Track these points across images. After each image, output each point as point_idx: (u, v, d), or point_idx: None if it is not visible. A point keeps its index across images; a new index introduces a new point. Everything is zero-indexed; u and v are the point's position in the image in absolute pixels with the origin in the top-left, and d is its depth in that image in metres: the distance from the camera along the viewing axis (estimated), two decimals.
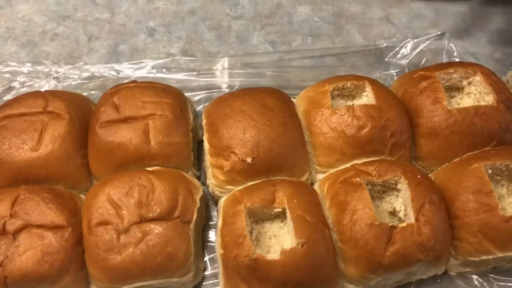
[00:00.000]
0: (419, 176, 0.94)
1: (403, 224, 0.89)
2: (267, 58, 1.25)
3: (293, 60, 1.27)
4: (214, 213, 1.07)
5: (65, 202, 0.93)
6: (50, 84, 1.21)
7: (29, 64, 1.23)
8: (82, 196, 0.99)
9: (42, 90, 1.17)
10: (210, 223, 1.06)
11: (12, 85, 1.21)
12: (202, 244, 1.02)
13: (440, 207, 0.92)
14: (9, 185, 0.96)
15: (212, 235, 1.04)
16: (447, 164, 1.02)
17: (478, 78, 1.05)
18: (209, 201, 1.08)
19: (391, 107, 1.02)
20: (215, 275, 0.99)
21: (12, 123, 0.99)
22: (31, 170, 0.96)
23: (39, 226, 0.88)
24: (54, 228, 0.89)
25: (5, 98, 1.18)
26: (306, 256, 0.85)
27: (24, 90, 1.20)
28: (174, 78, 1.21)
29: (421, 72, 1.09)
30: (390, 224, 0.88)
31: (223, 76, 1.22)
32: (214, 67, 1.22)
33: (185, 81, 1.21)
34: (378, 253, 0.87)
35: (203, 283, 0.99)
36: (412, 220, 0.89)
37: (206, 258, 1.01)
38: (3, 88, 1.21)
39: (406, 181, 0.93)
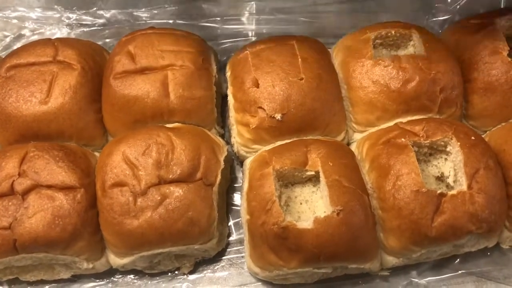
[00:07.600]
0: (473, 138, 0.87)
1: (454, 192, 0.82)
2: (300, 2, 1.15)
3: (329, 4, 1.16)
4: (240, 174, 1.01)
5: (77, 160, 0.87)
6: (62, 31, 1.15)
7: (39, 10, 1.16)
8: (97, 154, 0.94)
9: (53, 38, 1.09)
10: (235, 185, 1.00)
11: (22, 32, 1.15)
12: (227, 208, 0.96)
13: (497, 173, 0.85)
14: (18, 141, 0.91)
15: (237, 198, 0.98)
16: (503, 124, 0.95)
17: None
18: (234, 161, 1.02)
19: (442, 58, 0.94)
20: (240, 241, 0.95)
21: (19, 73, 0.93)
22: (40, 125, 0.90)
23: (49, 187, 0.83)
24: (65, 189, 0.83)
25: (15, 47, 1.11)
26: (342, 226, 0.79)
27: (35, 38, 1.13)
28: (196, 25, 1.13)
29: (477, 19, 1.01)
30: (438, 192, 0.81)
31: (250, 22, 1.14)
32: (240, 13, 1.14)
33: (208, 28, 1.14)
34: (424, 224, 0.80)
35: (227, 250, 0.94)
36: (464, 187, 0.82)
37: (231, 223, 0.96)
38: (12, 36, 1.14)
39: (458, 143, 0.85)
